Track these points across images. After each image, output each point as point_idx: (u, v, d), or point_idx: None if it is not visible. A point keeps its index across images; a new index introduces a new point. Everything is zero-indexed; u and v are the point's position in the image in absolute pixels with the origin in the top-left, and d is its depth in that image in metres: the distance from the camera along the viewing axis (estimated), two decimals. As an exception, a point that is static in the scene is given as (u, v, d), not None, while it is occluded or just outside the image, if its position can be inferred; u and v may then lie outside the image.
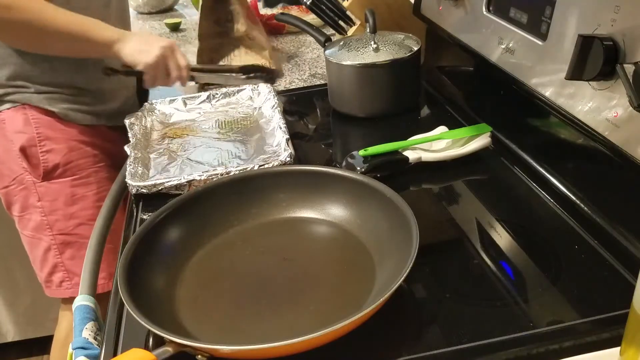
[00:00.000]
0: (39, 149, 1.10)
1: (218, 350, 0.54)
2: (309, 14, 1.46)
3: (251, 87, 1.10)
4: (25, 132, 1.09)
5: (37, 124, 1.10)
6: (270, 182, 0.77)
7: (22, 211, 1.15)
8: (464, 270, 0.67)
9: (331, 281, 0.66)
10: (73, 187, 1.13)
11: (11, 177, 1.13)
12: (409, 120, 1.03)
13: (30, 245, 1.19)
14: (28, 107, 1.10)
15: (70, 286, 1.16)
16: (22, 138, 1.09)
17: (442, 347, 0.56)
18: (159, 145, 0.98)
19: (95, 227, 0.89)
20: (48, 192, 1.12)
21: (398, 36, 1.04)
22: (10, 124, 1.10)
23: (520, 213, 0.76)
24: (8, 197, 1.15)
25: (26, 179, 1.12)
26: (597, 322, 0.57)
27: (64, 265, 1.15)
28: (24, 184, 1.12)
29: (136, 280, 0.61)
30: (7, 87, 1.09)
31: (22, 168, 1.11)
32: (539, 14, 0.76)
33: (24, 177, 1.12)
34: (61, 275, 1.16)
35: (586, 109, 0.69)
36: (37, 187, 1.12)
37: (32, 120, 1.09)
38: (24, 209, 1.15)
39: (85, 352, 0.66)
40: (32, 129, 1.09)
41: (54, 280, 1.17)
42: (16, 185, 1.13)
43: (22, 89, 1.09)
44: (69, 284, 1.16)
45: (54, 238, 1.14)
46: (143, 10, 1.95)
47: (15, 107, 1.09)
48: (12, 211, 1.18)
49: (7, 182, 1.13)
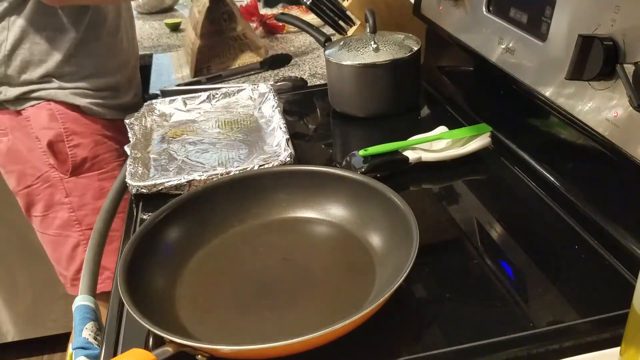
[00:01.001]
0: (66, 144, 1.10)
1: (218, 350, 0.54)
2: (309, 14, 1.45)
3: (251, 87, 1.10)
4: (52, 128, 1.10)
5: (64, 119, 1.10)
6: (270, 182, 0.76)
7: (46, 210, 1.15)
8: (464, 270, 0.67)
9: (331, 281, 0.66)
10: (100, 181, 1.14)
11: (35, 175, 1.13)
12: (409, 120, 1.03)
13: (55, 245, 1.18)
14: (53, 103, 1.10)
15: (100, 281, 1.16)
16: (49, 134, 1.10)
17: (442, 347, 0.56)
18: (159, 145, 0.98)
19: (95, 227, 0.89)
20: (76, 187, 1.13)
21: (398, 36, 1.04)
22: (35, 121, 1.10)
23: (520, 213, 0.76)
24: (30, 197, 1.15)
25: (52, 176, 1.12)
26: (597, 322, 0.57)
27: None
28: (49, 181, 1.13)
29: (136, 280, 0.61)
30: (34, 84, 1.09)
31: (47, 165, 1.12)
32: (539, 14, 0.76)
33: (50, 175, 1.12)
34: None
35: (586, 109, 0.68)
36: (64, 183, 1.12)
37: (58, 116, 1.10)
38: (48, 207, 1.15)
39: (85, 352, 0.66)
40: (59, 124, 1.10)
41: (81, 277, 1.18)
42: (40, 184, 1.13)
43: (46, 84, 1.09)
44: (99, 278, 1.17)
45: (83, 233, 1.15)
46: (143, 10, 1.95)
47: (39, 104, 1.10)
48: (32, 212, 1.18)
49: (29, 182, 1.14)
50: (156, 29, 1.77)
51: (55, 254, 1.20)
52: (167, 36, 1.70)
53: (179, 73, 1.39)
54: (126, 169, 0.87)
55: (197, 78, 1.30)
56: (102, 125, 1.15)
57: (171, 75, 1.39)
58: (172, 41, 1.64)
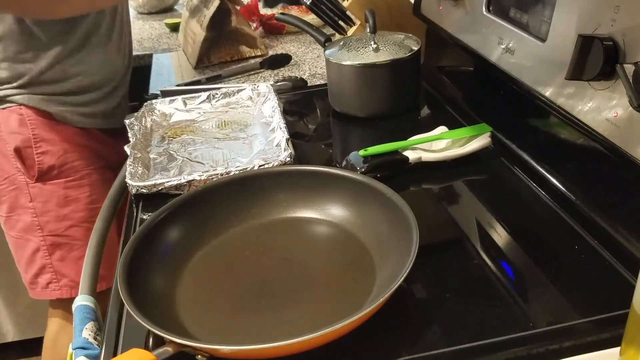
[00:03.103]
0: (34, 150, 1.09)
1: (218, 350, 0.54)
2: (309, 14, 1.46)
3: (251, 87, 1.10)
4: (21, 133, 1.09)
5: (33, 125, 1.09)
6: (270, 182, 0.76)
7: (10, 212, 1.14)
8: (464, 270, 0.67)
9: (331, 281, 0.66)
10: (66, 189, 1.13)
11: (3, 176, 1.12)
12: (409, 120, 1.03)
13: (16, 246, 1.18)
14: (24, 107, 1.09)
15: (57, 287, 1.16)
16: (16, 139, 1.09)
17: (442, 347, 0.56)
18: (159, 145, 0.98)
19: (95, 227, 0.89)
20: (41, 193, 1.12)
21: (398, 36, 1.04)
22: (5, 125, 1.09)
23: (520, 213, 0.76)
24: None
25: (18, 179, 1.11)
26: (597, 322, 0.57)
27: (53, 266, 1.15)
28: (15, 184, 1.12)
29: (136, 280, 0.61)
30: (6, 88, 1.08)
31: (14, 168, 1.11)
32: (539, 14, 0.76)
33: (16, 177, 1.11)
34: (49, 276, 1.16)
35: (586, 109, 0.68)
36: (29, 188, 1.11)
37: (28, 121, 1.09)
38: (12, 209, 1.14)
39: (85, 352, 0.66)
40: (28, 130, 1.09)
41: (39, 282, 1.17)
42: (7, 185, 1.12)
43: (20, 89, 1.08)
44: (56, 285, 1.16)
45: (44, 239, 1.14)
46: (143, 10, 1.95)
47: (10, 107, 1.09)
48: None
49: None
50: (156, 29, 1.77)
51: (16, 255, 1.19)
52: (167, 36, 1.70)
53: (179, 73, 1.40)
54: (126, 169, 0.87)
55: (197, 78, 1.31)
56: (74, 133, 1.13)
57: (171, 75, 1.39)
58: (172, 41, 1.64)
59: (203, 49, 1.38)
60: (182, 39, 1.56)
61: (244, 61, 1.40)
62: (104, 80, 1.15)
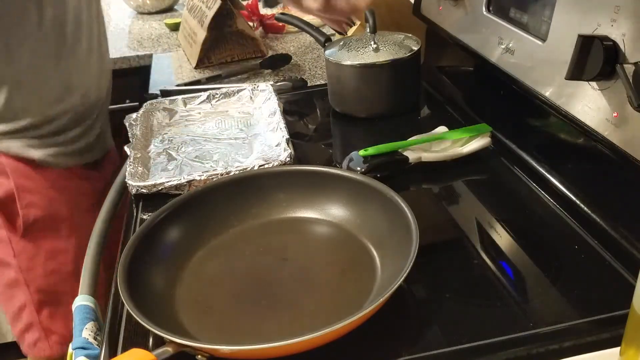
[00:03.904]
0: (17, 203, 0.99)
1: (218, 350, 0.54)
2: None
3: (251, 87, 1.10)
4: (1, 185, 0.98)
5: (15, 175, 0.98)
6: (270, 182, 0.76)
7: None
8: (464, 270, 0.67)
9: (331, 281, 0.66)
10: (54, 242, 1.04)
11: None
12: (409, 120, 1.03)
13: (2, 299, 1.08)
14: (3, 156, 0.97)
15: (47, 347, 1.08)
16: None
17: (442, 347, 0.56)
18: (159, 145, 0.97)
19: (95, 227, 0.89)
20: (27, 249, 1.02)
21: (398, 36, 1.04)
22: None
23: (520, 213, 0.76)
24: None
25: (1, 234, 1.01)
26: (597, 322, 0.57)
27: (41, 323, 1.07)
28: None
29: (136, 280, 0.61)
30: None
31: None
32: (539, 14, 0.76)
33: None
34: (37, 335, 1.08)
35: (586, 109, 0.68)
36: (13, 244, 1.01)
37: (9, 171, 0.98)
38: None
39: (85, 352, 0.66)
40: (10, 181, 0.98)
41: (27, 339, 1.09)
42: None
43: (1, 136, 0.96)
44: (45, 344, 1.08)
45: (31, 296, 1.04)
46: (143, 10, 1.95)
47: None
48: None
49: None
50: (156, 29, 1.77)
51: (3, 306, 1.09)
52: (167, 36, 1.70)
53: (179, 73, 1.40)
54: (126, 169, 0.87)
55: (197, 78, 1.31)
56: (57, 175, 1.03)
57: (171, 76, 1.39)
58: (172, 41, 1.64)
59: (204, 49, 1.38)
60: (182, 39, 1.56)
61: (244, 61, 1.41)
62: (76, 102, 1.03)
